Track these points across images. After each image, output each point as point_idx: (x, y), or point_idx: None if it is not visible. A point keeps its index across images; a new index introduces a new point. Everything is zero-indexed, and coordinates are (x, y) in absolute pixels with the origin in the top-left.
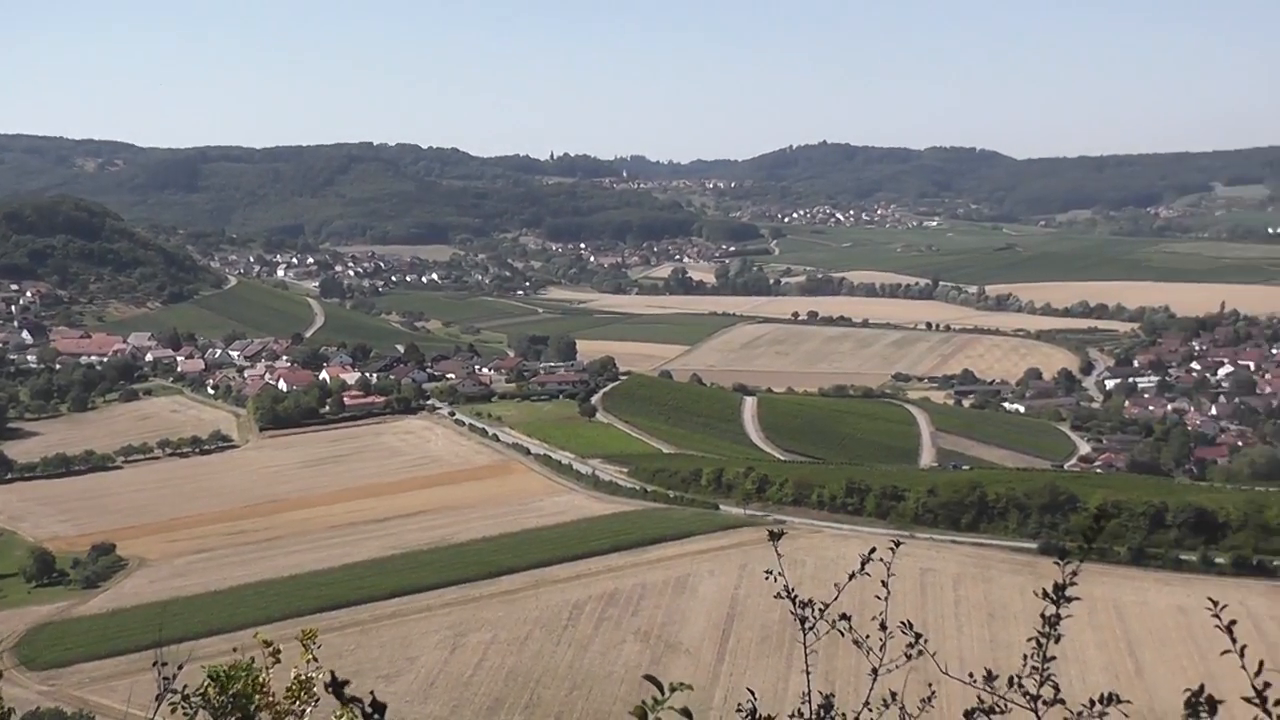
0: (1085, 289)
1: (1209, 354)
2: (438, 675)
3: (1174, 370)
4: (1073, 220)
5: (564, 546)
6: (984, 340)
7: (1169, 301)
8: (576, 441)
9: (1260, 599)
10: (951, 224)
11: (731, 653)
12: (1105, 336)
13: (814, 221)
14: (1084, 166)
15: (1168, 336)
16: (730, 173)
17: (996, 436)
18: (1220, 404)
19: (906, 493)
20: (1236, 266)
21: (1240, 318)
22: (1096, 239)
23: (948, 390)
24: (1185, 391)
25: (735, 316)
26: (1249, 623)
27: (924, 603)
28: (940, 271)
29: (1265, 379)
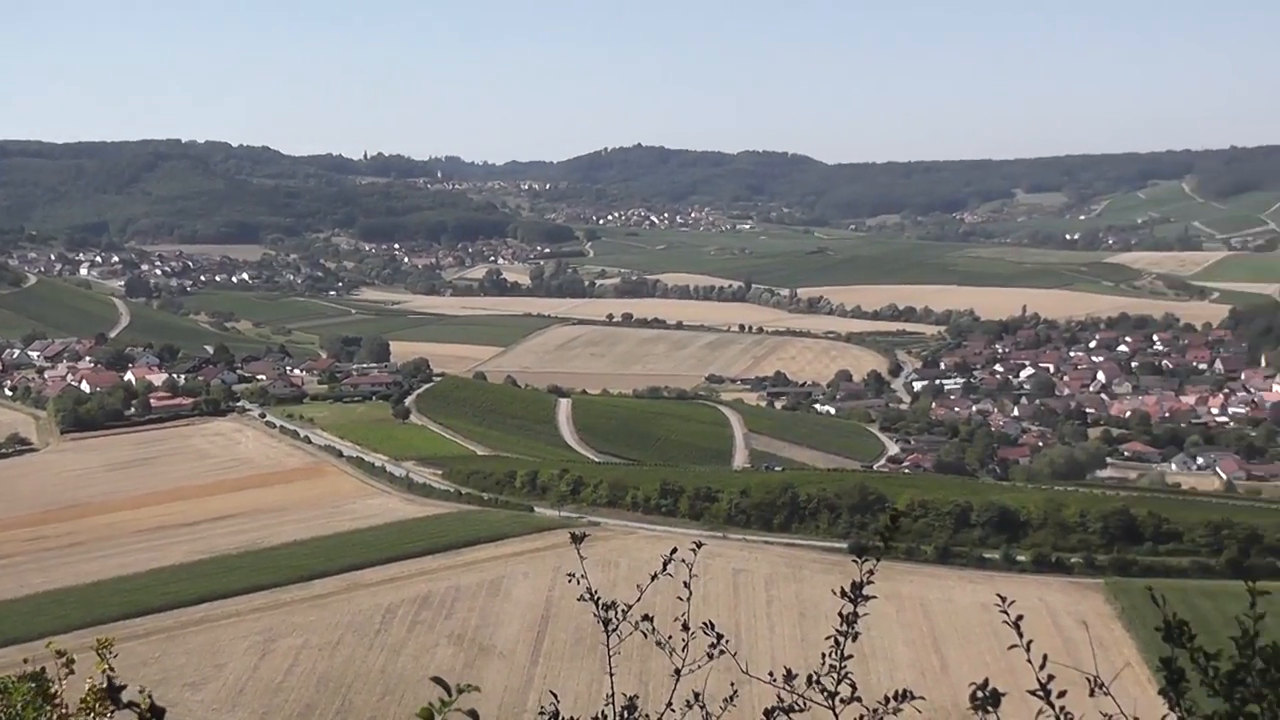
0: (894, 292)
1: (1011, 356)
2: (246, 682)
3: (979, 372)
4: (882, 225)
5: (377, 550)
6: (796, 342)
7: (974, 305)
8: (390, 443)
9: (1059, 595)
10: (764, 227)
11: (546, 655)
12: (913, 339)
13: (629, 224)
14: (892, 172)
15: (973, 339)
16: (545, 174)
17: (808, 438)
18: (1022, 405)
19: (720, 494)
20: (1037, 271)
21: (1040, 321)
22: (905, 243)
23: (760, 392)
24: (989, 393)
25: (550, 318)
26: (1048, 618)
27: (737, 603)
28: (753, 274)
29: (1064, 381)
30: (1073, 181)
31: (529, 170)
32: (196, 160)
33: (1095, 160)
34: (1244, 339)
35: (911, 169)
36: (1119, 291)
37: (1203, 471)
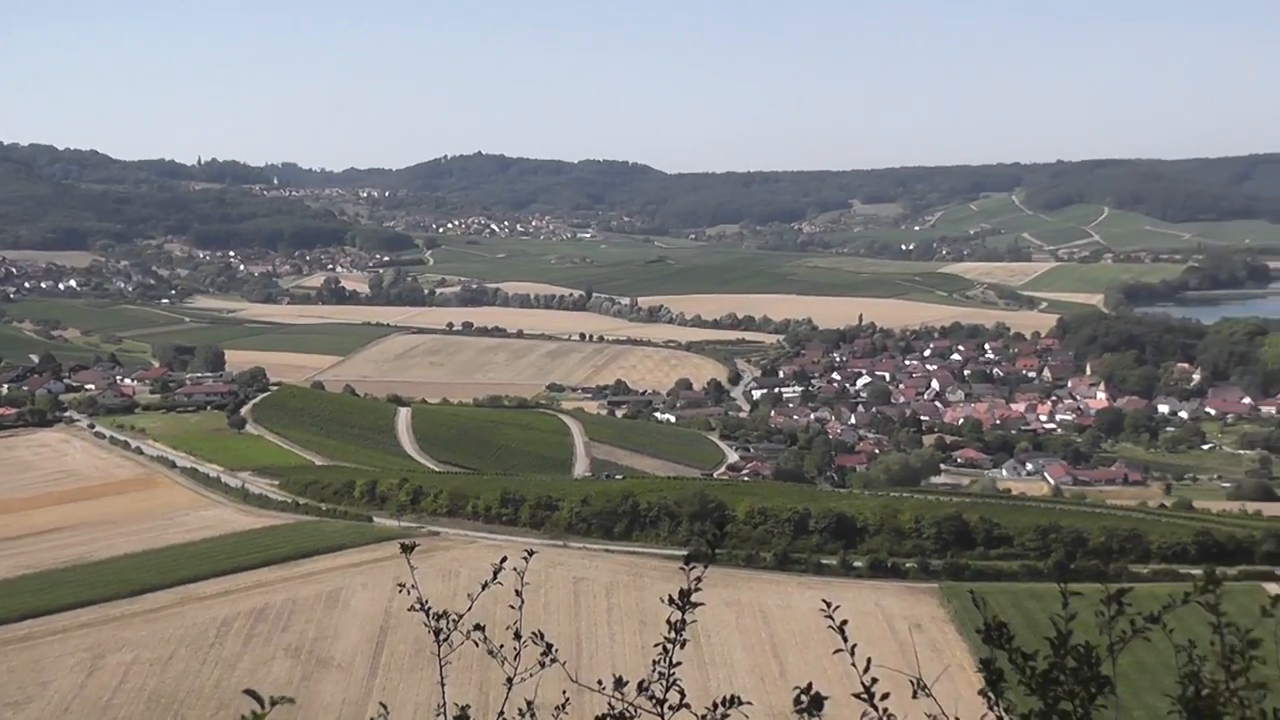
0: (733, 301)
1: (848, 365)
2: (73, 700)
3: (816, 380)
4: (721, 234)
5: (211, 562)
6: (636, 351)
7: (812, 314)
8: (225, 454)
9: (894, 599)
10: (605, 236)
11: (385, 666)
12: (752, 348)
13: (469, 232)
14: (732, 182)
15: (811, 348)
16: (384, 182)
17: (648, 446)
18: (859, 413)
19: (560, 502)
20: (873, 281)
21: (877, 330)
22: (744, 253)
23: (601, 400)
24: (827, 401)
25: (390, 327)
26: (884, 622)
27: (578, 612)
28: (594, 283)
29: (899, 389)
30: (907, 193)
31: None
32: (19, 163)
33: (929, 172)
34: (1071, 348)
35: (750, 179)
36: (952, 301)
37: (1032, 477)
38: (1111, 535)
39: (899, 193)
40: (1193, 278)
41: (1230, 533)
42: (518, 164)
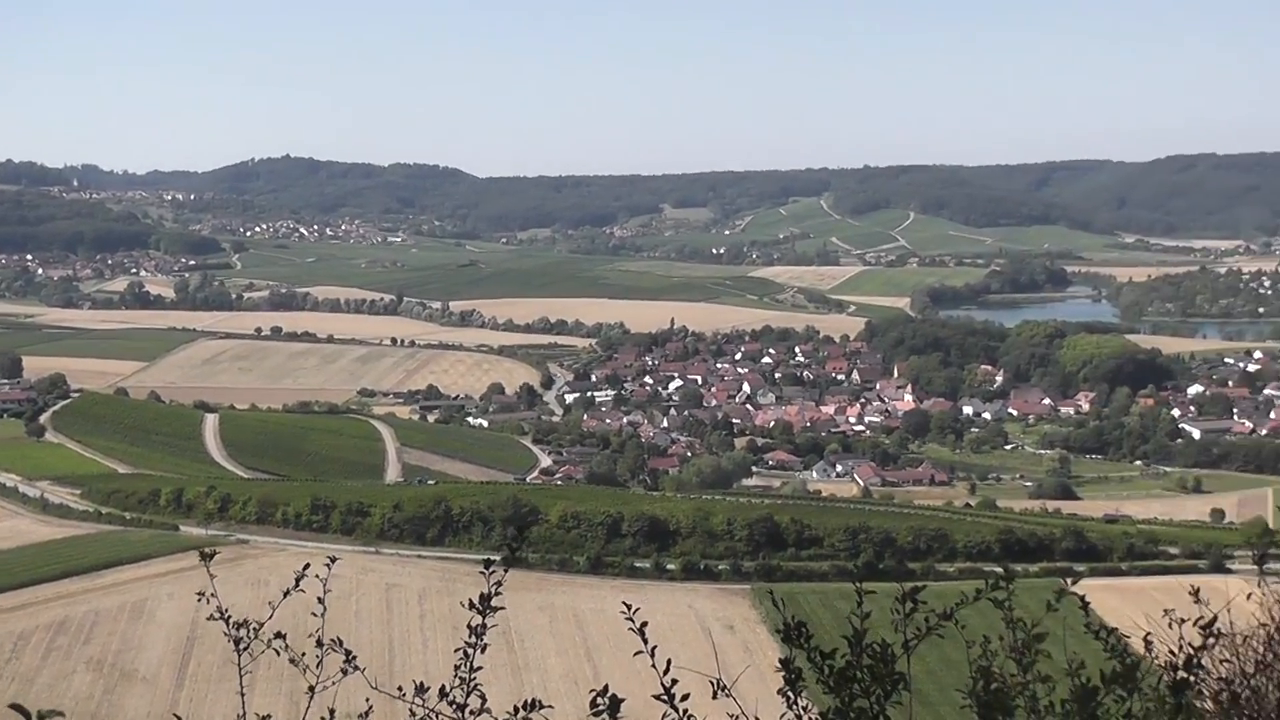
0: (546, 305)
1: (660, 368)
2: None
3: (629, 384)
4: (533, 238)
5: (8, 574)
6: (448, 355)
7: (624, 318)
8: (23, 463)
9: (707, 601)
10: (416, 240)
11: (192, 678)
12: (565, 352)
13: (278, 236)
14: (543, 186)
15: (623, 351)
16: (189, 184)
17: (461, 451)
18: (671, 416)
19: (372, 508)
20: (685, 285)
21: (689, 334)
22: (556, 257)
23: (413, 405)
24: (639, 404)
25: (196, 332)
26: (696, 624)
27: (390, 618)
28: (405, 287)
29: (711, 392)
30: (718, 197)
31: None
32: None
33: (740, 177)
34: (878, 350)
35: (562, 183)
36: (763, 305)
37: (841, 478)
38: (919, 535)
39: (709, 197)
40: (995, 281)
41: (1032, 531)
42: (327, 167)
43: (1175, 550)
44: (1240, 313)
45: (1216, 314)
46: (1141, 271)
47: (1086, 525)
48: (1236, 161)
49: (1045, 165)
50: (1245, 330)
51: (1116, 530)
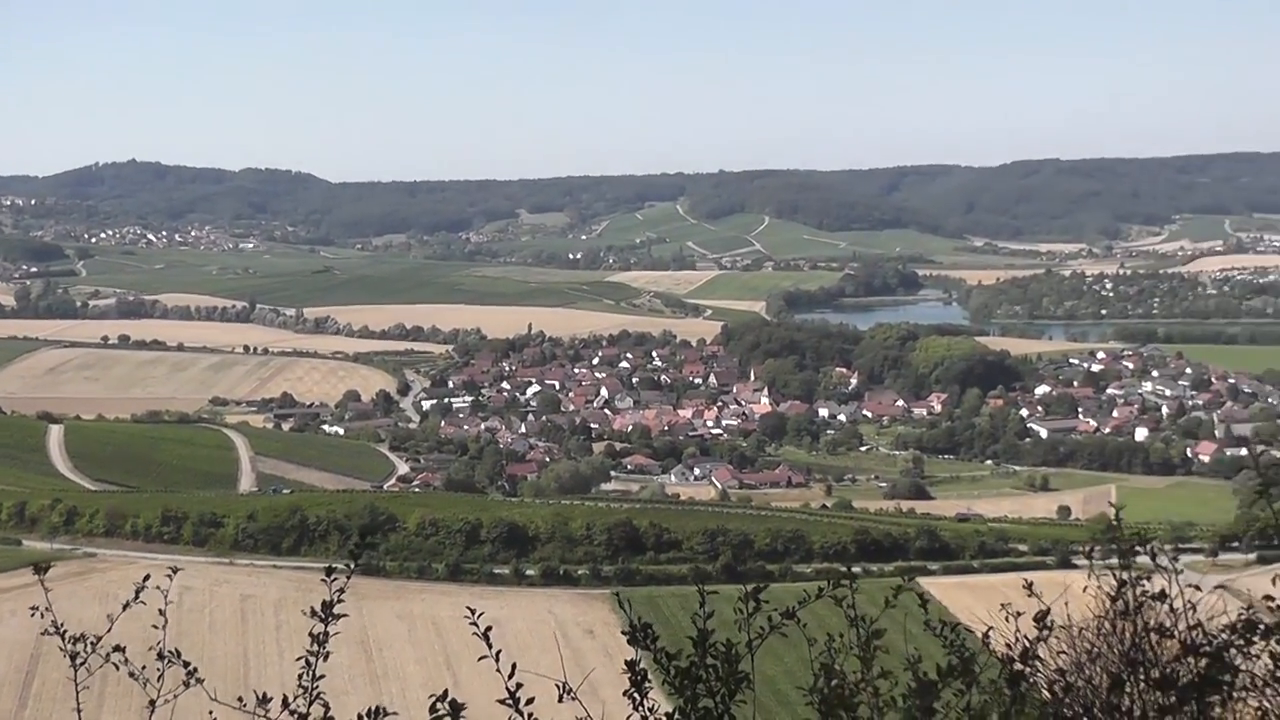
0: (402, 312)
1: (518, 374)
2: None
3: (486, 390)
4: (388, 244)
5: None
6: (303, 363)
7: (481, 324)
8: None
9: (567, 606)
10: (269, 247)
11: (36, 696)
12: (421, 358)
13: (124, 242)
14: (398, 191)
15: (480, 357)
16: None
17: (317, 459)
18: (529, 422)
19: (225, 519)
20: (542, 290)
21: (546, 339)
22: (411, 263)
23: (267, 414)
24: (497, 410)
25: (39, 341)
26: (557, 630)
27: (245, 630)
28: (258, 294)
29: (569, 397)
30: (574, 202)
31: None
32: None
33: (596, 181)
34: (735, 354)
35: (417, 188)
36: (620, 309)
37: (700, 481)
38: (776, 536)
39: (566, 202)
40: (849, 285)
41: (887, 531)
42: (175, 172)
43: (1024, 547)
44: (1084, 314)
45: (1062, 316)
46: (990, 274)
47: (939, 524)
48: (1079, 167)
49: (896, 170)
50: (1089, 331)
51: (968, 529)
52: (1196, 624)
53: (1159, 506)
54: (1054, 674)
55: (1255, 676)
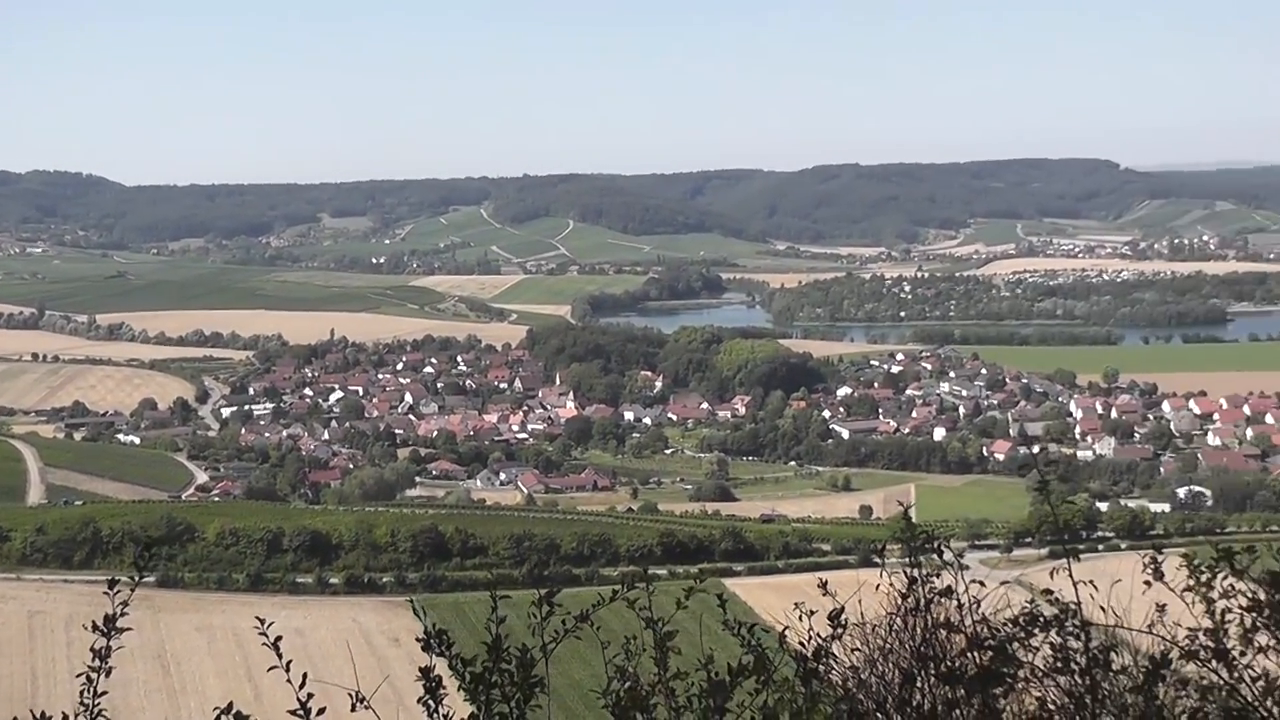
0: (200, 317)
1: (321, 380)
2: None
3: (288, 396)
4: (186, 248)
5: None
6: (96, 371)
7: (282, 329)
8: None
9: (371, 614)
10: (59, 251)
11: None
12: (221, 365)
13: None
14: (195, 195)
15: (282, 364)
16: None
17: (111, 469)
18: (332, 428)
19: (12, 533)
20: (345, 295)
21: (349, 344)
22: (210, 268)
23: (58, 424)
24: (299, 417)
25: None
26: (361, 638)
27: (34, 648)
28: (47, 300)
29: (372, 403)
30: (377, 206)
31: None
32: None
33: (399, 185)
34: (540, 358)
35: (215, 191)
36: (424, 314)
37: (506, 486)
38: (583, 540)
39: (369, 206)
40: (653, 288)
41: (692, 533)
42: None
43: (827, 547)
44: (884, 317)
45: (862, 318)
46: (792, 278)
47: (744, 526)
48: (877, 172)
49: (700, 174)
50: (888, 333)
51: (773, 530)
52: (982, 618)
53: (956, 504)
54: (848, 670)
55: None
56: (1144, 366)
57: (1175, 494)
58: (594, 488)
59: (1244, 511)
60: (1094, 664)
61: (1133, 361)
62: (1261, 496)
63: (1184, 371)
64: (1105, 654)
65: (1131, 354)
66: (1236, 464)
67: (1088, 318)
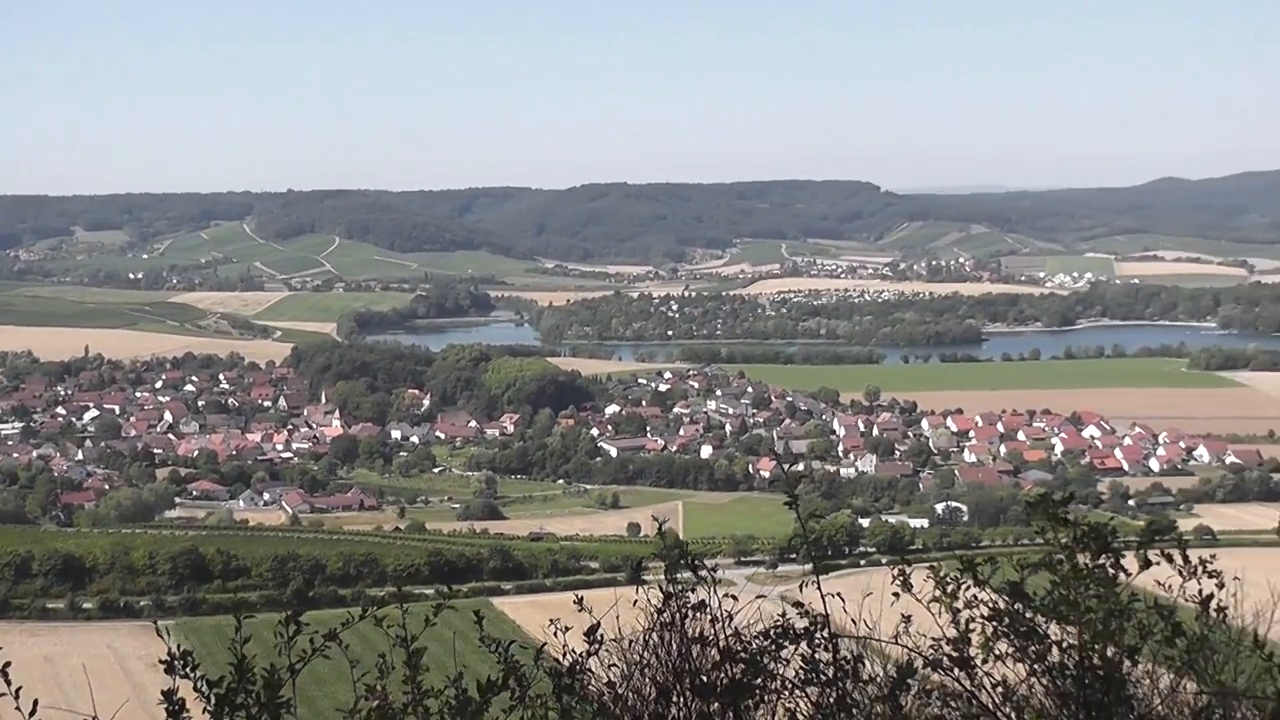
0: None
1: (74, 398)
2: None
3: (39, 416)
4: None
5: None
6: None
7: (32, 346)
8: None
9: (128, 640)
10: None
11: None
12: None
13: None
14: None
15: (31, 381)
16: None
17: None
18: (87, 448)
19: None
20: (100, 311)
21: (105, 362)
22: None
23: None
24: (51, 437)
25: None
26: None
27: None
28: None
29: (130, 422)
30: (134, 220)
31: None
32: None
33: (158, 199)
34: (306, 376)
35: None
36: (184, 331)
37: (270, 506)
38: (348, 561)
39: (125, 220)
40: (421, 306)
41: (460, 552)
42: None
43: (596, 564)
44: (651, 335)
45: (630, 336)
46: (561, 296)
47: (513, 544)
48: (645, 191)
49: (468, 191)
50: (656, 351)
51: (541, 548)
52: (735, 632)
53: (723, 521)
54: (605, 686)
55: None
56: (904, 385)
57: (934, 509)
58: (360, 507)
59: (998, 525)
60: (843, 674)
61: (893, 380)
62: (1014, 511)
63: (942, 390)
64: (854, 664)
65: (892, 373)
66: (991, 480)
67: (850, 337)
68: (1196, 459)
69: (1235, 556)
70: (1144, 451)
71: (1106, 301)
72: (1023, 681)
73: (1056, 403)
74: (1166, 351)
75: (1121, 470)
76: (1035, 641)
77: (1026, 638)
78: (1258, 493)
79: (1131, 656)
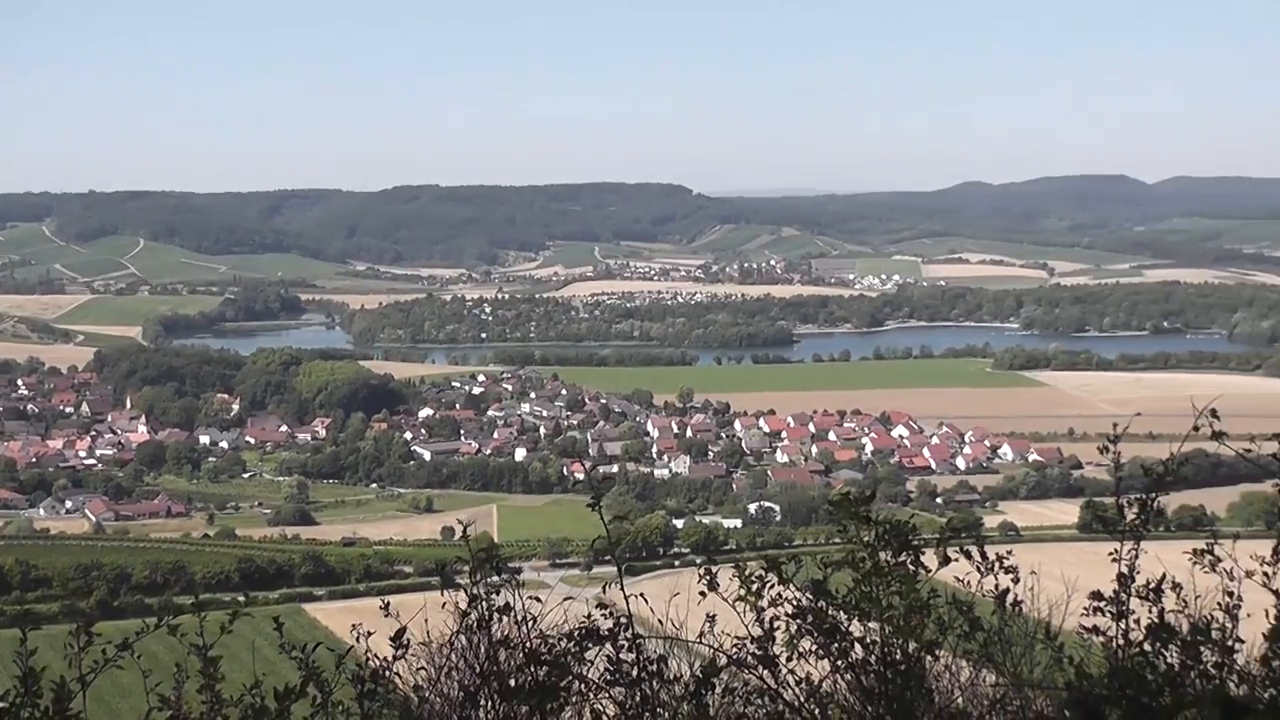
0: None
1: None
2: None
3: None
4: None
5: None
6: None
7: None
8: None
9: None
10: None
11: None
12: None
13: None
14: None
15: None
16: None
17: None
18: None
19: None
20: None
21: None
22: None
23: None
24: None
25: None
26: None
27: None
28: None
29: None
30: None
31: None
32: None
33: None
34: (110, 381)
35: None
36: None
37: (72, 515)
38: (155, 569)
39: None
40: (230, 309)
41: (271, 558)
42: None
43: (410, 569)
44: (465, 338)
45: (444, 339)
46: (373, 299)
47: (325, 550)
48: (458, 193)
49: (278, 193)
50: (470, 355)
51: (354, 553)
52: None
53: (538, 524)
54: (411, 690)
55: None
56: (717, 386)
57: (747, 510)
58: (168, 514)
59: (810, 525)
60: (647, 674)
61: (707, 381)
62: (825, 510)
63: (754, 391)
64: (658, 664)
65: (705, 374)
66: (803, 479)
67: (664, 339)
68: (1001, 457)
69: (1036, 551)
70: (951, 450)
71: (914, 303)
72: (826, 678)
73: (866, 403)
74: (972, 352)
75: (929, 469)
76: (838, 638)
77: (829, 635)
78: (1058, 489)
79: (932, 651)
